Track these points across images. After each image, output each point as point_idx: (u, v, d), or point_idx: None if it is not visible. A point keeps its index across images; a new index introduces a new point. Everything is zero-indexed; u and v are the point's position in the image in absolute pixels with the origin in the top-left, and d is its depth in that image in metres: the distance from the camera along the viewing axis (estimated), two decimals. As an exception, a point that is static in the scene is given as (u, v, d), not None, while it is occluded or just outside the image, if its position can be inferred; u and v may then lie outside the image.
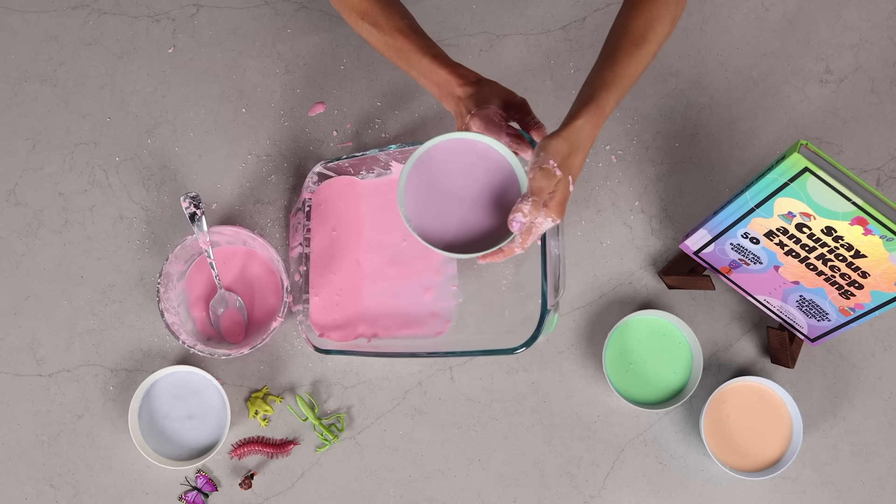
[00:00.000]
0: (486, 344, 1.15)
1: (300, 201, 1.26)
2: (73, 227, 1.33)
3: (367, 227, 1.30)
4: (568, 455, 1.29)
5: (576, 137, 0.99)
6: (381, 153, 1.24)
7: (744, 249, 1.19)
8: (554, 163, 0.97)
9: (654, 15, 1.07)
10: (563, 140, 0.98)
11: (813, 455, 1.30)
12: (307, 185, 1.27)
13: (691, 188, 1.36)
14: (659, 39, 1.07)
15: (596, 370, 1.31)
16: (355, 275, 1.29)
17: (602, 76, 1.03)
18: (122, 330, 1.31)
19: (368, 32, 1.11)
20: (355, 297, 1.29)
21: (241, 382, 1.30)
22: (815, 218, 1.08)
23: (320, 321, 1.28)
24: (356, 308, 1.28)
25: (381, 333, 1.27)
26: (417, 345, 1.25)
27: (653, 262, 1.34)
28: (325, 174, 1.29)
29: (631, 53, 1.05)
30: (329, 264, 1.29)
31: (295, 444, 1.29)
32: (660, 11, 1.07)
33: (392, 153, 1.24)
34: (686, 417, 1.30)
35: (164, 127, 1.36)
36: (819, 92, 1.39)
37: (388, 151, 1.23)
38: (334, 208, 1.30)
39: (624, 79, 1.03)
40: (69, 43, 1.38)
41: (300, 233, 1.26)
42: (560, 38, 1.39)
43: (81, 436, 1.29)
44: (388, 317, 1.28)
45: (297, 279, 1.26)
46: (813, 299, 1.19)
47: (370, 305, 1.28)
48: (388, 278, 1.28)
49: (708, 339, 1.32)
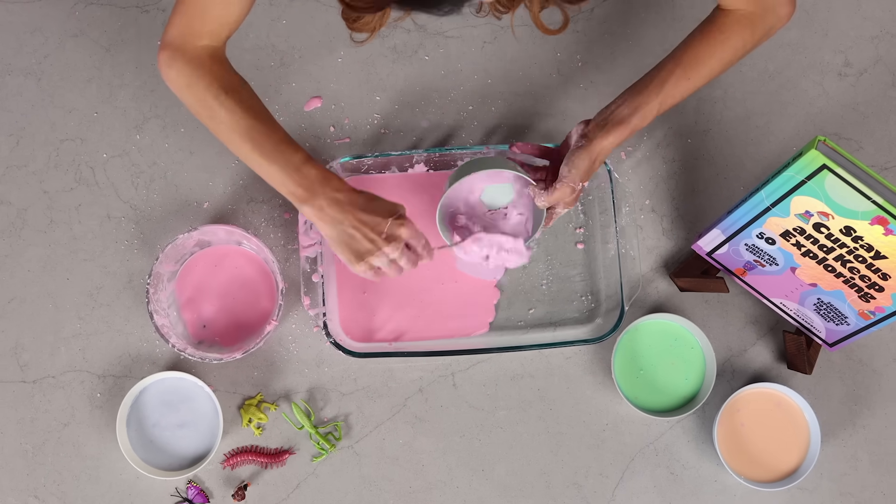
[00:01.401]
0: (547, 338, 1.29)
1: None
2: (59, 226, 1.34)
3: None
4: (575, 465, 1.30)
5: (599, 152, 1.12)
6: (414, 154, 1.29)
7: (759, 250, 1.19)
8: (581, 183, 1.14)
9: (717, 41, 1.10)
10: (588, 159, 1.12)
11: (831, 465, 1.30)
12: None
13: (704, 186, 1.36)
14: (718, 69, 1.12)
15: (605, 376, 1.31)
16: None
17: (647, 100, 1.11)
18: (110, 334, 1.31)
19: (230, 111, 1.09)
20: (391, 293, 1.30)
21: (233, 389, 1.30)
22: (834, 217, 1.08)
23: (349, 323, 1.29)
24: (392, 306, 1.30)
25: (414, 333, 1.30)
26: (459, 343, 1.29)
27: (664, 263, 1.34)
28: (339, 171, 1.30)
29: (680, 83, 1.11)
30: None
31: (290, 453, 1.29)
32: (726, 37, 1.10)
33: (422, 156, 1.30)
34: (699, 426, 1.31)
35: (154, 122, 1.36)
36: (838, 85, 1.39)
37: (418, 154, 1.29)
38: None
39: (667, 105, 1.12)
40: (54, 34, 1.38)
41: (315, 230, 1.26)
42: (567, 31, 1.39)
43: (67, 445, 1.29)
44: (424, 315, 1.30)
45: (315, 280, 1.26)
46: (831, 302, 1.19)
47: (406, 303, 1.30)
48: (426, 274, 1.30)
49: (721, 344, 1.32)
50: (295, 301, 1.32)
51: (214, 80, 1.09)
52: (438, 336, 1.30)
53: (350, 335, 1.30)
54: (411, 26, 1.39)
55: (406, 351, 1.27)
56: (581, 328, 1.31)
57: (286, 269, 1.32)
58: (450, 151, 1.29)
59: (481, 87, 1.38)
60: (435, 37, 1.39)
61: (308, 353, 1.31)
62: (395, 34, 1.38)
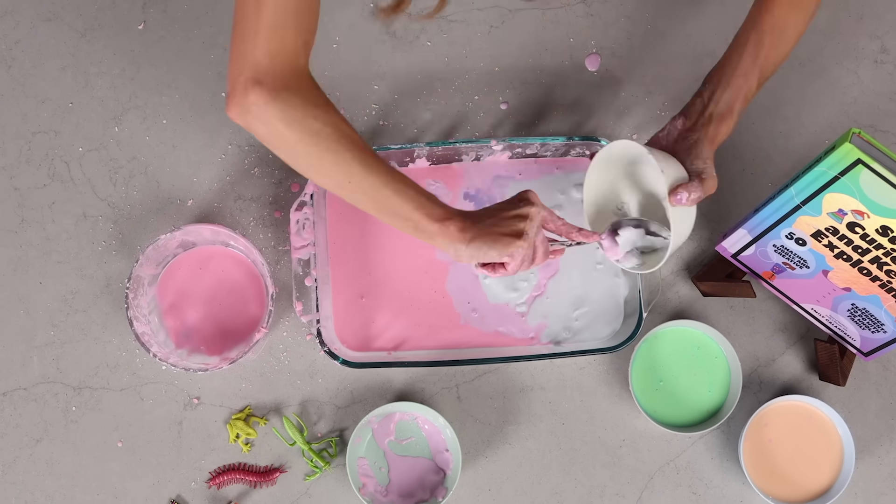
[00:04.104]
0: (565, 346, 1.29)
1: (305, 194, 1.27)
2: (31, 226, 1.34)
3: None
4: (590, 484, 1.30)
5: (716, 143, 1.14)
6: (415, 148, 1.29)
7: (788, 252, 1.20)
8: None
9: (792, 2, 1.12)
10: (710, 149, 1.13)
11: (866, 484, 1.31)
12: None
13: (729, 182, 1.37)
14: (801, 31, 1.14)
15: (621, 388, 1.32)
16: (388, 274, 1.32)
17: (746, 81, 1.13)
18: (86, 342, 1.32)
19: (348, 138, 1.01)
20: (391, 299, 1.31)
21: (220, 402, 1.31)
22: (869, 216, 1.09)
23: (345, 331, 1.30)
24: (391, 312, 1.31)
25: (415, 342, 1.30)
26: (463, 353, 1.29)
27: (685, 266, 1.35)
28: None
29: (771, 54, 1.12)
30: (357, 264, 1.31)
31: (281, 471, 1.30)
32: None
33: (424, 150, 1.30)
34: (723, 442, 1.31)
35: (134, 113, 1.37)
36: (873, 74, 1.39)
37: (419, 147, 1.29)
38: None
39: (764, 80, 1.14)
40: (26, 18, 1.39)
41: (308, 230, 1.26)
42: (581, 13, 1.40)
43: (40, 462, 1.30)
44: (428, 321, 1.31)
45: (308, 284, 1.26)
46: (866, 308, 1.20)
47: (407, 309, 1.31)
48: (427, 278, 1.32)
49: (748, 353, 1.33)
50: (286, 307, 1.32)
51: (330, 107, 1.00)
52: (441, 346, 1.31)
53: (346, 343, 1.31)
54: (412, 9, 1.39)
55: (406, 361, 1.28)
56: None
57: (277, 273, 1.33)
58: (454, 145, 1.30)
59: (488, 75, 1.39)
60: (438, 21, 1.39)
61: (300, 362, 1.32)
62: (395, 18, 1.38)
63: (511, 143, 1.30)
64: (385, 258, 1.32)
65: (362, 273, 1.31)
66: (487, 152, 1.32)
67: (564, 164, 1.34)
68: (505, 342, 1.31)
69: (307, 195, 1.27)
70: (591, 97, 1.38)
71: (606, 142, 1.28)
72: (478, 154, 1.32)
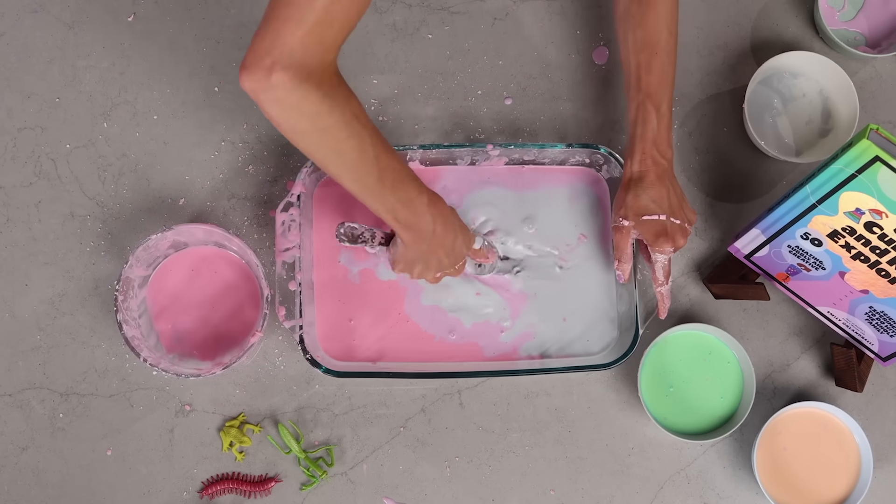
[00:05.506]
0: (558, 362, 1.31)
1: (291, 195, 1.27)
2: (16, 226, 1.35)
3: None
4: (598, 494, 1.31)
5: (627, 182, 1.23)
6: (408, 150, 1.30)
7: (803, 253, 1.20)
8: (622, 220, 1.22)
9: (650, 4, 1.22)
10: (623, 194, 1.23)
11: (884, 494, 1.31)
12: (302, 176, 1.28)
13: (742, 181, 1.37)
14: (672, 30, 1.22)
15: (630, 394, 1.32)
16: (375, 279, 1.32)
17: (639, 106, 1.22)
18: (74, 347, 1.32)
19: (360, 139, 1.06)
20: (378, 306, 1.31)
21: (213, 409, 1.31)
22: (888, 216, 1.09)
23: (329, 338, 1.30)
24: (378, 320, 1.31)
25: (401, 352, 1.31)
26: (456, 364, 1.30)
27: (696, 267, 1.35)
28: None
29: (652, 64, 1.21)
30: (341, 269, 1.32)
31: (276, 481, 1.30)
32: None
33: (416, 152, 1.30)
34: (736, 450, 1.32)
35: (123, 108, 1.37)
36: (892, 67, 1.40)
37: (412, 150, 1.30)
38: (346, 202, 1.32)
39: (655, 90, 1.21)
40: (11, 10, 1.39)
41: (294, 232, 1.27)
42: (588, 5, 1.40)
43: (26, 472, 1.30)
44: (415, 331, 1.31)
45: (292, 288, 1.26)
46: (885, 311, 1.20)
47: (396, 318, 1.31)
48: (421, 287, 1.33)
49: (761, 358, 1.33)
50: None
51: (348, 104, 1.03)
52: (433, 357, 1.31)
53: (329, 352, 1.30)
54: (413, 0, 1.40)
55: (394, 372, 1.27)
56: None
57: (272, 274, 1.33)
58: (449, 149, 1.30)
59: (491, 68, 1.39)
60: (439, 12, 1.40)
61: (296, 368, 1.32)
62: (394, 9, 1.39)
63: (508, 149, 1.30)
64: (381, 258, 1.32)
65: (345, 278, 1.32)
66: (483, 157, 1.32)
67: (555, 177, 1.35)
68: (490, 354, 1.31)
69: (294, 196, 1.27)
70: (598, 91, 1.38)
71: (605, 150, 1.29)
72: (473, 158, 1.32)
